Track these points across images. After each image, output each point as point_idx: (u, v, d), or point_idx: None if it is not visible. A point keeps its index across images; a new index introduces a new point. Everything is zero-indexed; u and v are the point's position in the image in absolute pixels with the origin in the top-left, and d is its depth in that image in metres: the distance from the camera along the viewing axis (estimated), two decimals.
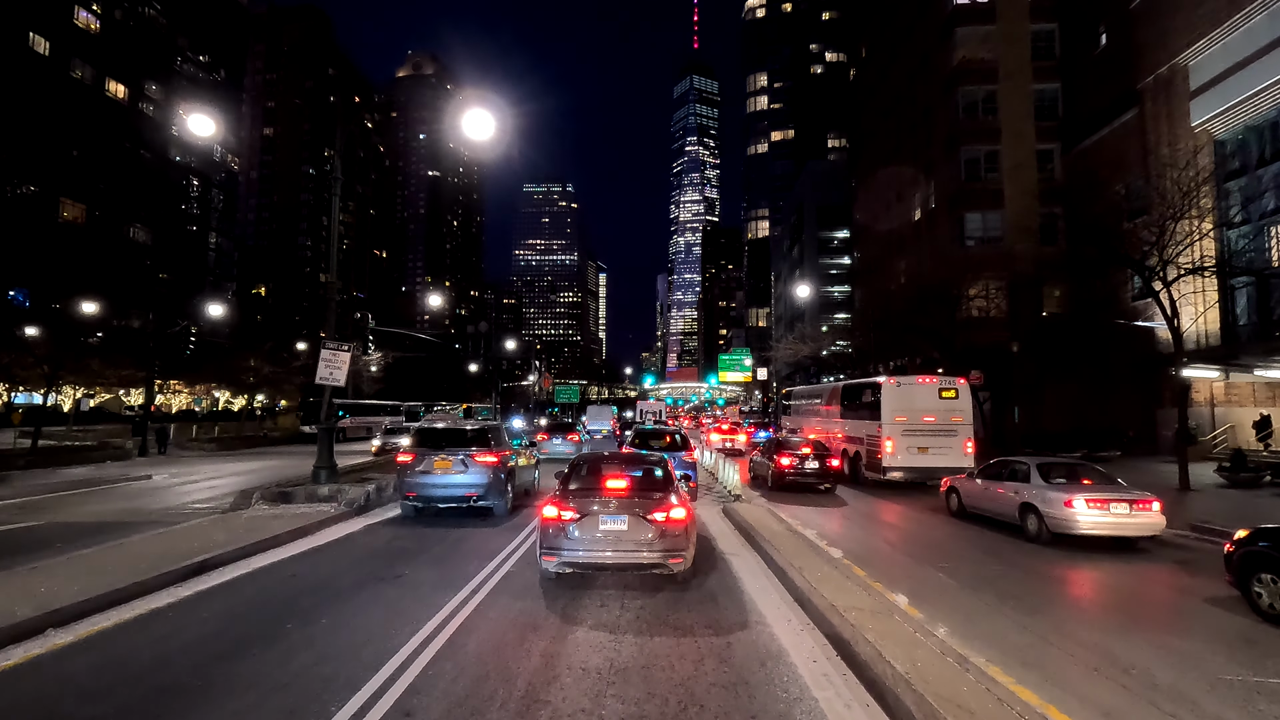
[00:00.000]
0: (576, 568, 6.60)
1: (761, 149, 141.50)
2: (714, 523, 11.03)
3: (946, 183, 31.73)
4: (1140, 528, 9.18)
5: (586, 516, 6.46)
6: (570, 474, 7.61)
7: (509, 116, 26.23)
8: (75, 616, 5.45)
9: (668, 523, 6.43)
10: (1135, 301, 24.71)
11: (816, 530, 10.19)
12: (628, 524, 6.42)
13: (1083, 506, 9.07)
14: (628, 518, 6.44)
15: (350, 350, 11.09)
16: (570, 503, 6.59)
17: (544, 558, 6.54)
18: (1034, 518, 9.73)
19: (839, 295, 63.41)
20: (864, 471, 16.72)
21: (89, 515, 11.46)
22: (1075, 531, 9.14)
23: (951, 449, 15.44)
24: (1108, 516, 9.03)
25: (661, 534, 6.40)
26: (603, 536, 6.41)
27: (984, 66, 30.20)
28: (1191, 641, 5.64)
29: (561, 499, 6.70)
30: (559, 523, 6.47)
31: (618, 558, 6.42)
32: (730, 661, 4.83)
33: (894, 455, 15.45)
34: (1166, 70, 22.51)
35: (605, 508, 6.54)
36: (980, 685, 4.10)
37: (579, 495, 6.84)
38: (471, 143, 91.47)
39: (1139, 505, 9.12)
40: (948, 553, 9.29)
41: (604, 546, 6.40)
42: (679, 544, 6.46)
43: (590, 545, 6.40)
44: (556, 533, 6.47)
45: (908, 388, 16.11)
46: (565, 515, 6.47)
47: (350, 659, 4.73)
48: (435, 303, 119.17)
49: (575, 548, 6.41)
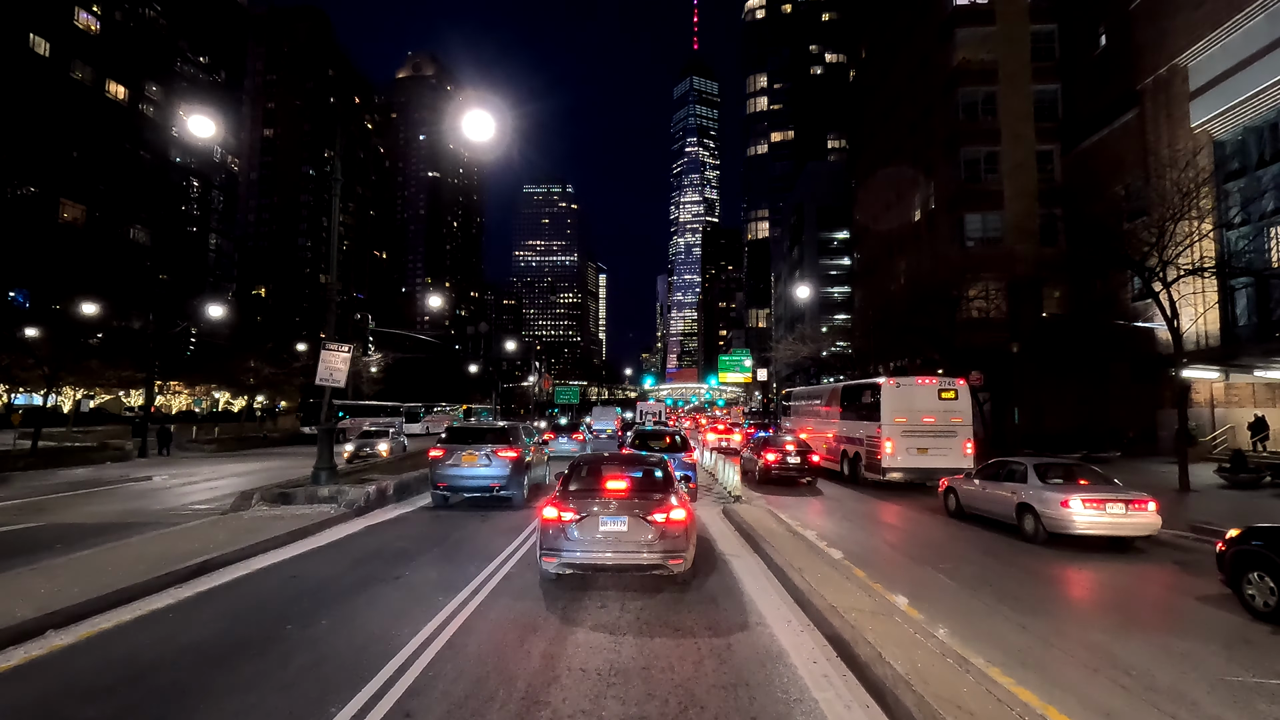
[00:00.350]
0: (576, 569, 6.57)
1: (761, 150, 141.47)
2: (714, 523, 11.02)
3: (946, 183, 31.75)
4: (1136, 527, 9.18)
5: (586, 517, 6.42)
6: (570, 475, 7.56)
7: (508, 117, 26.26)
8: (75, 618, 5.45)
9: (668, 524, 6.40)
10: (1135, 302, 24.71)
11: (817, 531, 10.20)
12: (628, 525, 6.39)
13: (1079, 507, 9.08)
14: (628, 519, 6.41)
15: (350, 351, 11.08)
16: (570, 504, 6.54)
17: (544, 559, 6.50)
18: (1031, 518, 9.74)
19: (839, 296, 63.43)
20: (864, 472, 16.68)
21: (89, 516, 11.46)
22: (1072, 531, 9.14)
23: (951, 450, 15.44)
24: (1104, 516, 9.04)
25: (661, 535, 6.37)
26: (602, 538, 6.37)
27: (984, 67, 30.24)
28: (1190, 641, 5.64)
29: (561, 500, 6.65)
30: (559, 524, 6.42)
31: (618, 559, 6.38)
32: (730, 662, 4.83)
33: (893, 456, 15.47)
34: (1166, 71, 22.53)
35: (605, 509, 6.50)
36: (980, 686, 4.10)
37: (579, 496, 6.81)
38: (471, 144, 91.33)
39: (1135, 505, 9.11)
40: (946, 553, 9.29)
41: (604, 548, 6.36)
42: (679, 545, 6.43)
43: (590, 546, 6.36)
44: (556, 534, 6.42)
45: (907, 389, 16.10)
46: (565, 516, 6.42)
47: (350, 660, 4.73)
48: (435, 304, 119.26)
49: (575, 549, 6.37)
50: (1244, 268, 19.91)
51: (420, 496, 13.59)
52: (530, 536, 9.46)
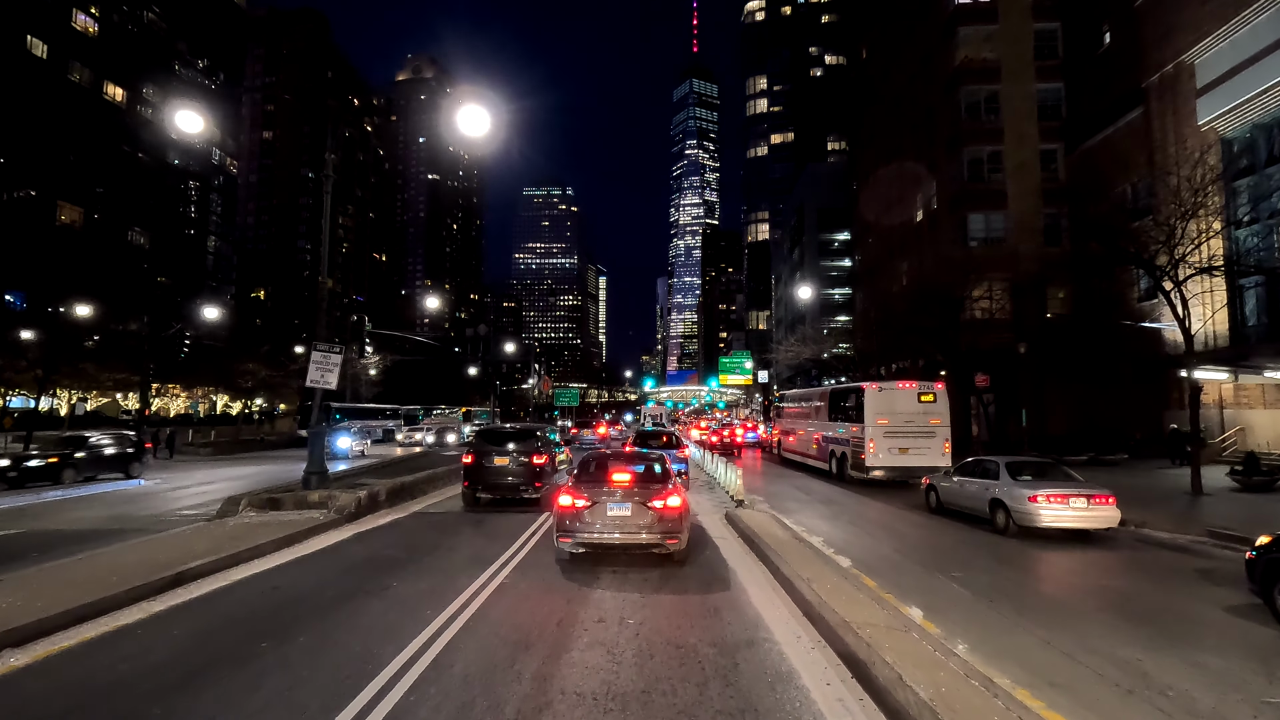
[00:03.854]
0: (588, 548, 7.64)
1: (761, 152, 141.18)
2: (715, 529, 10.66)
3: (949, 183, 31.44)
4: (1098, 520, 9.73)
5: (596, 504, 7.47)
6: (581, 469, 8.63)
7: (508, 118, 25.95)
8: (36, 635, 5.10)
9: (665, 509, 7.44)
10: (1142, 302, 24.38)
11: (823, 538, 9.85)
12: (631, 510, 7.43)
13: (1045, 502, 9.73)
14: (631, 505, 7.45)
15: (342, 353, 10.74)
16: (582, 492, 7.56)
17: (560, 539, 7.60)
18: (1002, 513, 10.40)
19: (840, 298, 63.10)
20: (850, 470, 17.59)
21: (72, 522, 11.12)
22: (1038, 524, 9.75)
23: (930, 449, 16.44)
24: (1068, 510, 9.67)
25: (660, 519, 7.41)
26: (610, 521, 7.42)
27: (986, 66, 29.95)
28: (1225, 658, 5.29)
29: (575, 490, 7.63)
30: (573, 510, 7.48)
31: (623, 539, 7.44)
32: (737, 685, 4.48)
33: (876, 455, 16.46)
34: (1172, 68, 22.23)
35: (612, 496, 7.55)
36: (1012, 713, 3.75)
37: (589, 486, 7.77)
38: (471, 146, 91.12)
39: (1096, 500, 9.69)
40: (955, 559, 8.93)
41: (611, 529, 7.42)
42: (675, 528, 7.47)
43: (600, 528, 7.42)
44: (572, 518, 7.48)
45: (889, 392, 17.09)
46: (579, 503, 7.47)
47: (327, 682, 4.38)
48: (435, 306, 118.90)
49: (587, 531, 7.43)
50: (1254, 266, 19.57)
51: (415, 502, 13.25)
52: (525, 544, 9.14)
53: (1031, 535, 9.97)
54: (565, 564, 7.90)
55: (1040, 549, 9.45)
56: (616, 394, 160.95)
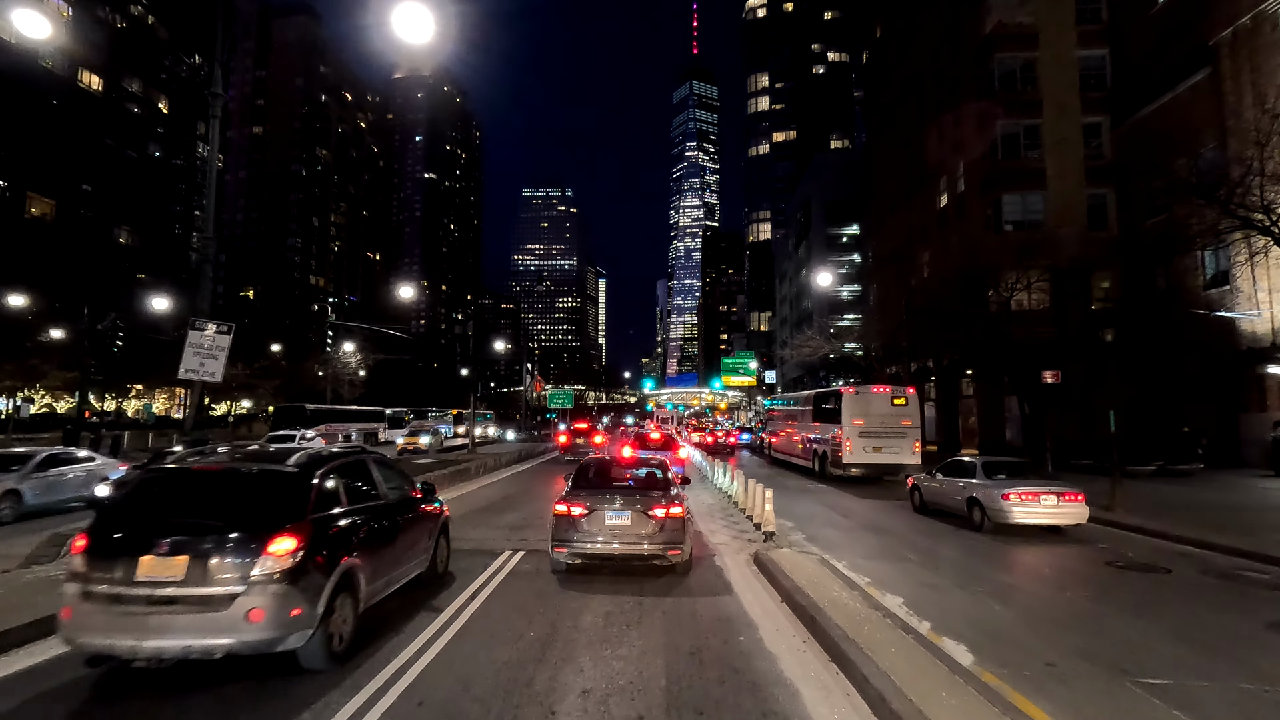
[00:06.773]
0: (585, 559, 7.00)
1: (763, 150, 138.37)
2: (741, 582, 7.29)
3: (979, 163, 28.58)
4: (1068, 516, 10.06)
5: (594, 512, 6.91)
6: (578, 474, 7.98)
7: (508, 118, 23.28)
8: None
9: (667, 518, 6.89)
10: (1208, 290, 21.56)
11: (877, 582, 6.93)
12: (631, 519, 6.89)
13: (1017, 499, 10.01)
14: (631, 513, 6.91)
15: (230, 331, 7.87)
16: (579, 499, 7.03)
17: (555, 549, 7.02)
18: (978, 510, 10.66)
19: (848, 295, 60.29)
20: (829, 468, 18.59)
21: None
22: (1011, 521, 10.05)
23: (902, 449, 17.56)
24: (1038, 507, 9.99)
25: (661, 528, 6.86)
26: (609, 530, 6.86)
27: (1022, 31, 27.05)
28: None
29: (571, 497, 7.12)
30: (569, 517, 6.93)
31: (623, 549, 6.85)
32: None
33: (852, 453, 17.51)
34: (1249, 20, 19.42)
35: (610, 504, 6.99)
36: None
37: (587, 493, 7.24)
38: (471, 146, 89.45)
39: (1066, 497, 9.99)
40: (1101, 630, 6.06)
41: (610, 539, 6.85)
42: (677, 538, 6.92)
43: (597, 538, 6.85)
44: (568, 527, 6.93)
45: (864, 395, 18.12)
46: (575, 511, 6.92)
47: None
48: (426, 299, 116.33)
49: (584, 540, 6.86)
50: None
51: None
52: (473, 599, 6.26)
53: (1004, 531, 10.35)
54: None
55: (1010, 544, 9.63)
56: (615, 396, 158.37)
